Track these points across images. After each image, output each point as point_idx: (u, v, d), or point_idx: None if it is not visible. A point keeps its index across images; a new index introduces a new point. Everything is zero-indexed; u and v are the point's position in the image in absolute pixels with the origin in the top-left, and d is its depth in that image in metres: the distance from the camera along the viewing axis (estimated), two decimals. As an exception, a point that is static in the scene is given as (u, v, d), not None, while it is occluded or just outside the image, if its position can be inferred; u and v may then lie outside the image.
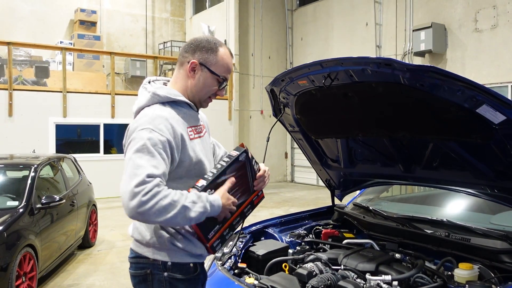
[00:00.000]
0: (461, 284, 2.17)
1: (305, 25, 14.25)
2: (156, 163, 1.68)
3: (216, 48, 1.92)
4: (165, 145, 1.73)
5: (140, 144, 1.70)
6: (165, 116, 1.80)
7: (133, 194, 1.60)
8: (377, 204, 3.34)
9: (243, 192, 1.91)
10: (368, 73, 2.19)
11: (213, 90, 1.94)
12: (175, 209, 1.63)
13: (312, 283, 2.20)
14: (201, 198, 1.71)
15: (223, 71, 1.93)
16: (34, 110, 10.24)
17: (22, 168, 5.42)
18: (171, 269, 1.82)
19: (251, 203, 1.96)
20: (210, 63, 1.90)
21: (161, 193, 1.62)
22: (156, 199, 1.60)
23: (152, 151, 1.69)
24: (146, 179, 1.62)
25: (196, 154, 1.86)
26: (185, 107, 1.93)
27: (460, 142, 2.27)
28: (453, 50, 9.95)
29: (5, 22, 13.13)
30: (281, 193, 12.19)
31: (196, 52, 1.91)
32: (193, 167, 1.85)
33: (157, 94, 1.88)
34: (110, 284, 5.12)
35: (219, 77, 1.92)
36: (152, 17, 15.72)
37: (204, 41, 1.93)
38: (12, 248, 4.15)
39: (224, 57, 1.93)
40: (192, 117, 1.94)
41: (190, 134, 1.88)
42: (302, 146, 3.21)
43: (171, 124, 1.78)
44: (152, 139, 1.71)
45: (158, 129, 1.74)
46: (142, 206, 1.59)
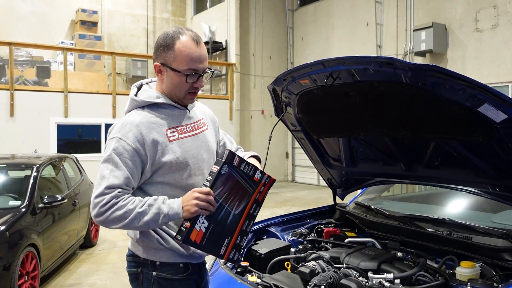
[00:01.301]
0: (463, 282, 2.18)
1: (305, 25, 14.25)
2: (119, 173, 1.73)
3: (172, 43, 1.80)
4: (132, 153, 1.76)
5: (107, 155, 1.78)
6: (135, 123, 1.80)
7: (93, 204, 1.73)
8: (378, 203, 3.35)
9: (241, 197, 1.85)
10: (370, 72, 2.20)
11: (186, 86, 1.84)
12: (130, 216, 1.69)
13: (314, 281, 2.21)
14: (157, 200, 1.74)
15: (186, 64, 1.79)
16: (35, 110, 10.26)
17: (24, 168, 5.44)
18: (159, 269, 1.84)
19: (256, 201, 1.91)
20: (170, 61, 1.81)
21: (118, 204, 1.70)
22: (112, 210, 1.70)
23: (117, 161, 1.75)
24: (105, 191, 1.71)
25: (177, 155, 1.82)
26: (168, 108, 1.89)
27: (461, 141, 2.28)
28: (454, 50, 9.96)
29: (6, 22, 13.14)
30: (282, 193, 12.20)
31: (157, 53, 1.85)
32: (175, 168, 1.83)
33: (134, 100, 1.89)
34: (112, 284, 5.13)
35: (181, 72, 1.81)
36: (153, 17, 15.73)
37: (161, 39, 1.84)
38: (15, 247, 4.17)
39: (183, 49, 1.79)
40: (177, 116, 1.90)
41: (171, 136, 1.84)
42: (304, 145, 3.22)
43: (140, 131, 1.78)
44: (118, 148, 1.76)
45: (125, 137, 1.77)
46: (100, 216, 1.72)
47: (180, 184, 1.84)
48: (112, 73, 11.61)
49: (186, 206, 1.70)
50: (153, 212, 1.70)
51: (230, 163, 1.78)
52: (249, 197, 1.88)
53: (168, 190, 1.84)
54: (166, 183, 1.84)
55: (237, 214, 1.85)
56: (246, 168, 1.84)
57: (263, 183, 1.91)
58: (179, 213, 1.70)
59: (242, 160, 1.83)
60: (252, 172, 1.87)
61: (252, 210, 1.91)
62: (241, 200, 1.86)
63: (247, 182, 1.86)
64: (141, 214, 1.69)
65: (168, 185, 1.84)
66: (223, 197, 1.78)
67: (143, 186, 1.84)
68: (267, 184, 1.93)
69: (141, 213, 1.70)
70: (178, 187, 1.84)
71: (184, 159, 1.85)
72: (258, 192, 1.91)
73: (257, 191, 1.91)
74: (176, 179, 1.84)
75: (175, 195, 1.82)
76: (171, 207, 1.71)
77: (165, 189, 1.84)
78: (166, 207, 1.72)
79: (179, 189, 1.84)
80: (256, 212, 1.93)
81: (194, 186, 1.86)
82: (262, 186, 1.91)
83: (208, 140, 2.02)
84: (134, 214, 1.69)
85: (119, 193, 1.72)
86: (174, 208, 1.71)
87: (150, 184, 1.84)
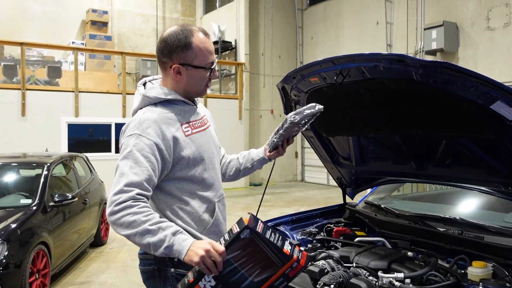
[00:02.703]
0: (474, 282, 2.15)
1: (315, 24, 14.21)
2: (139, 170, 1.70)
3: (189, 42, 1.83)
4: (153, 148, 1.75)
5: (126, 151, 1.74)
6: (153, 119, 1.80)
7: (110, 201, 1.68)
8: (388, 202, 3.32)
9: (265, 267, 1.60)
10: (380, 70, 2.18)
11: (206, 79, 1.92)
12: (137, 228, 1.62)
13: (324, 280, 2.19)
14: (170, 228, 1.64)
15: (206, 59, 1.87)
16: (46, 109, 10.35)
17: (35, 166, 5.49)
18: (177, 265, 1.83)
19: (284, 276, 1.63)
20: (190, 59, 1.84)
21: (133, 208, 1.63)
22: (125, 212, 1.63)
23: (137, 157, 1.72)
24: (123, 188, 1.66)
25: (193, 150, 1.86)
26: (180, 104, 1.92)
27: (473, 139, 2.25)
28: (465, 48, 9.87)
29: (18, 22, 13.28)
30: (291, 192, 12.18)
31: (173, 55, 1.85)
32: (192, 162, 1.85)
33: (147, 96, 1.89)
34: (122, 282, 5.15)
35: (205, 68, 1.88)
36: (163, 17, 15.79)
37: (174, 40, 1.84)
38: (26, 245, 4.20)
39: (201, 45, 1.84)
40: (188, 112, 1.93)
41: (186, 131, 1.87)
42: (313, 144, 3.21)
43: (159, 126, 1.79)
44: (138, 144, 1.74)
45: (145, 133, 1.76)
46: (113, 215, 1.65)
47: (196, 179, 1.87)
48: (122, 72, 11.68)
49: (192, 251, 1.57)
50: (159, 237, 1.61)
51: (253, 229, 1.53)
52: (275, 269, 1.61)
53: (185, 185, 1.86)
54: (183, 178, 1.85)
55: (256, 282, 1.62)
56: (273, 237, 1.58)
57: (295, 259, 1.60)
58: (183, 253, 1.59)
59: (267, 226, 1.58)
60: (281, 242, 1.59)
61: (278, 283, 1.65)
62: (264, 269, 1.61)
63: (274, 254, 1.59)
64: (149, 232, 1.62)
65: (185, 180, 1.86)
66: (240, 261, 1.58)
67: (161, 183, 1.84)
68: (301, 260, 1.62)
69: (149, 231, 1.62)
70: (194, 182, 1.87)
71: (199, 154, 1.88)
72: (289, 267, 1.61)
73: (287, 266, 1.61)
74: (192, 174, 1.86)
75: (191, 190, 1.86)
76: (178, 243, 1.60)
77: (182, 184, 1.86)
78: (174, 240, 1.61)
79: (195, 183, 1.87)
80: (283, 286, 1.66)
81: (209, 180, 1.91)
82: (295, 262, 1.60)
83: (213, 136, 2.07)
84: (141, 229, 1.62)
85: (137, 195, 1.67)
86: (181, 245, 1.60)
87: (167, 181, 1.85)
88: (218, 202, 1.96)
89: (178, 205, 1.85)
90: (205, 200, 1.90)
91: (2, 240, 4.01)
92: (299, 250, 1.63)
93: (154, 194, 1.84)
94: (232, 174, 2.28)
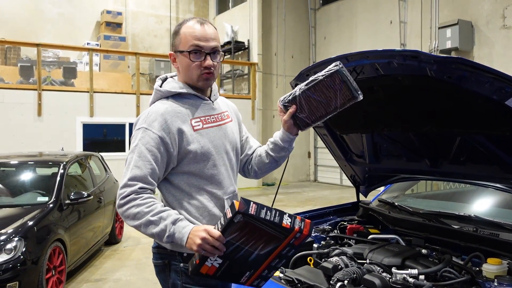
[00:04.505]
0: (489, 279, 2.14)
1: (328, 24, 14.18)
2: (142, 164, 1.76)
3: (178, 29, 1.90)
4: (158, 141, 1.78)
5: (133, 145, 1.81)
6: (160, 112, 1.83)
7: (117, 195, 1.77)
8: (402, 201, 3.31)
9: (268, 241, 1.61)
10: (394, 66, 2.18)
11: (194, 67, 1.86)
12: (141, 219, 1.71)
13: (337, 276, 2.20)
14: (170, 217, 1.71)
15: (189, 42, 1.84)
16: (62, 109, 10.49)
17: (51, 165, 5.57)
18: (186, 260, 1.84)
19: (290, 245, 1.65)
20: (177, 45, 1.89)
21: (136, 201, 1.72)
22: (128, 206, 1.73)
23: (142, 151, 1.77)
24: (127, 182, 1.75)
25: (202, 144, 1.85)
26: (192, 98, 1.93)
27: (488, 135, 2.24)
28: (480, 47, 9.76)
29: (34, 24, 13.48)
30: (304, 192, 12.16)
31: (171, 45, 1.95)
32: (200, 157, 1.85)
33: (159, 90, 1.93)
34: (136, 279, 5.20)
35: (186, 52, 1.85)
36: (176, 18, 15.87)
37: (172, 31, 1.94)
38: (42, 242, 4.27)
39: (186, 30, 1.86)
40: (200, 107, 1.93)
41: (195, 125, 1.87)
42: (327, 141, 3.21)
43: (165, 119, 1.81)
44: (144, 138, 1.79)
45: (151, 126, 1.80)
46: (119, 208, 1.76)
47: (204, 174, 1.87)
48: (136, 73, 11.78)
49: (191, 239, 1.63)
50: (161, 227, 1.69)
51: (245, 212, 1.51)
52: (279, 242, 1.63)
53: (193, 180, 1.87)
54: (191, 173, 1.86)
55: (262, 254, 1.65)
56: (268, 215, 1.55)
57: (297, 229, 1.59)
58: (184, 241, 1.66)
59: (261, 206, 1.54)
60: (278, 218, 1.57)
61: (285, 252, 1.67)
62: (268, 243, 1.62)
63: (274, 229, 1.58)
64: (151, 223, 1.70)
65: (193, 175, 1.86)
66: (240, 240, 1.59)
67: (169, 176, 1.87)
68: (304, 229, 1.61)
69: (152, 222, 1.70)
70: (202, 177, 1.87)
71: (208, 149, 1.87)
72: (293, 238, 1.62)
73: (290, 237, 1.62)
74: (200, 169, 1.86)
75: (199, 185, 1.86)
76: (179, 231, 1.67)
77: (189, 179, 1.86)
78: (175, 229, 1.68)
79: (204, 179, 1.87)
80: (291, 253, 1.70)
81: (217, 176, 1.89)
82: (298, 232, 1.60)
83: (232, 132, 2.03)
84: (145, 220, 1.70)
85: (140, 189, 1.74)
86: (181, 233, 1.66)
87: (175, 174, 1.87)
88: (228, 200, 1.94)
89: (186, 199, 1.86)
90: (214, 196, 1.90)
91: (20, 237, 4.08)
92: (300, 220, 1.61)
93: (163, 187, 1.88)
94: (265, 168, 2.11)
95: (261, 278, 1.73)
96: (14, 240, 4.04)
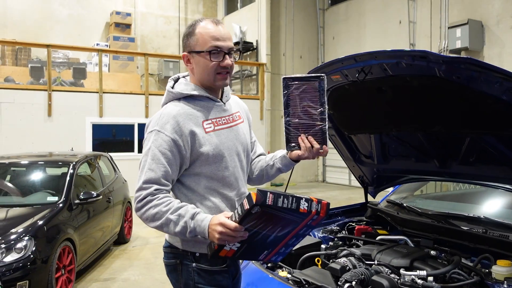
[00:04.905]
0: (499, 281, 2.12)
1: (337, 24, 14.14)
2: (156, 166, 1.78)
3: (193, 30, 1.88)
4: (171, 144, 1.79)
5: (146, 148, 1.83)
6: (172, 114, 1.83)
7: (134, 198, 1.80)
8: (411, 201, 3.29)
9: (285, 225, 1.64)
10: (403, 66, 2.17)
11: (213, 67, 1.86)
12: (161, 219, 1.73)
13: (345, 277, 2.19)
14: (187, 213, 1.72)
15: (207, 43, 1.84)
16: (72, 110, 10.57)
17: (61, 165, 5.60)
18: (199, 260, 1.85)
19: (307, 226, 1.68)
20: (193, 46, 1.87)
21: (152, 202, 1.74)
22: (146, 207, 1.75)
23: (155, 153, 1.79)
24: (142, 185, 1.77)
25: (213, 146, 1.86)
26: (204, 100, 1.93)
27: (497, 135, 2.22)
28: (491, 47, 9.68)
29: (45, 25, 13.60)
30: (312, 193, 12.13)
31: (183, 45, 1.93)
32: (212, 159, 1.86)
33: (171, 92, 1.94)
34: (145, 279, 5.23)
35: (206, 52, 1.84)
36: (185, 19, 15.93)
37: (185, 31, 1.92)
38: (52, 241, 4.31)
39: (202, 31, 1.85)
40: (212, 109, 1.92)
41: (207, 127, 1.87)
42: (335, 142, 3.20)
43: (177, 121, 1.82)
44: (156, 140, 1.81)
45: (163, 129, 1.81)
46: (137, 211, 1.78)
47: (216, 176, 1.87)
48: (145, 73, 11.84)
49: (211, 233, 1.65)
50: (181, 225, 1.72)
51: (263, 204, 1.52)
52: (296, 224, 1.66)
53: (205, 182, 1.87)
54: (203, 174, 1.87)
55: (280, 236, 1.69)
56: (286, 203, 1.55)
57: (314, 212, 1.61)
58: (205, 234, 1.68)
59: (277, 195, 1.54)
60: (296, 204, 1.57)
61: (303, 231, 1.72)
62: (285, 226, 1.65)
63: (291, 215, 1.60)
64: (171, 221, 1.72)
65: (205, 177, 1.87)
66: (258, 226, 1.61)
67: (181, 177, 1.88)
68: (321, 211, 1.63)
69: (171, 221, 1.72)
70: (214, 179, 1.88)
71: (220, 151, 1.87)
72: (310, 219, 1.64)
73: (308, 219, 1.64)
74: (212, 171, 1.87)
75: (211, 187, 1.87)
76: (198, 225, 1.70)
77: (202, 180, 1.87)
78: (194, 223, 1.71)
79: (216, 180, 1.88)
80: (308, 232, 1.74)
81: (229, 178, 1.90)
82: (315, 215, 1.62)
83: (243, 133, 2.03)
84: (164, 219, 1.73)
85: (155, 191, 1.76)
86: (201, 226, 1.69)
87: (188, 176, 1.88)
88: (239, 201, 1.94)
89: (199, 200, 1.87)
90: (225, 198, 1.91)
91: (30, 236, 4.11)
92: (316, 202, 1.62)
93: (176, 188, 1.89)
94: (257, 175, 2.17)
95: (279, 254, 1.78)
96: (24, 239, 4.07)
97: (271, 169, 2.10)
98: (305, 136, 1.84)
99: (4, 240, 4.02)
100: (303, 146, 1.85)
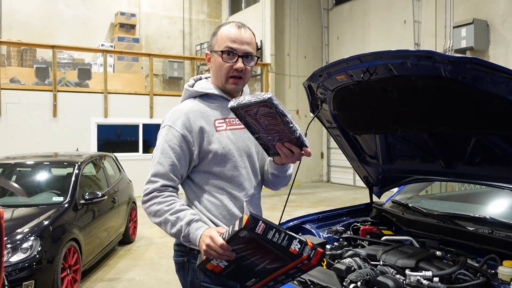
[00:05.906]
0: (505, 282, 2.11)
1: (341, 24, 14.12)
2: (164, 160, 1.82)
3: (217, 30, 1.94)
4: (180, 139, 1.84)
5: (158, 142, 1.88)
6: (185, 110, 1.88)
7: (143, 190, 1.84)
8: (416, 202, 3.28)
9: (274, 260, 1.56)
10: (408, 67, 2.16)
11: (226, 68, 1.89)
12: (161, 217, 1.78)
13: (350, 277, 2.19)
14: (185, 218, 1.75)
15: (224, 43, 1.88)
16: (77, 110, 10.61)
17: (66, 165, 5.63)
18: None
19: (296, 268, 1.60)
20: (213, 45, 1.94)
21: (157, 198, 1.79)
22: (151, 203, 1.80)
23: (164, 147, 1.84)
24: (151, 179, 1.82)
25: (223, 145, 1.87)
26: (219, 100, 1.96)
27: (503, 136, 2.21)
28: (496, 46, 9.64)
29: (50, 26, 13.66)
30: (317, 193, 12.12)
31: (208, 45, 2.00)
32: (221, 158, 1.87)
33: (187, 90, 1.99)
34: (149, 279, 5.24)
35: (220, 51, 1.88)
36: (189, 19, 15.96)
37: (212, 32, 1.98)
38: (58, 241, 4.32)
39: (224, 32, 1.91)
40: (226, 109, 1.92)
41: (218, 126, 1.90)
42: (340, 142, 3.20)
43: (188, 117, 1.86)
44: (167, 135, 1.86)
45: (175, 124, 1.86)
46: (143, 204, 1.84)
47: (224, 175, 1.89)
48: (149, 74, 11.87)
49: (201, 242, 1.66)
50: (177, 227, 1.75)
51: (252, 230, 1.45)
52: (285, 263, 1.57)
53: (213, 180, 1.89)
54: (211, 173, 1.89)
55: (269, 268, 1.61)
56: (276, 237, 1.47)
57: (305, 257, 1.52)
58: (196, 242, 1.70)
59: (270, 227, 1.47)
60: (287, 242, 1.49)
61: (292, 272, 1.62)
62: (274, 261, 1.57)
63: (281, 252, 1.52)
64: (169, 222, 1.76)
65: (214, 175, 1.89)
66: (246, 252, 1.56)
67: (191, 174, 1.91)
68: (313, 258, 1.54)
69: (169, 221, 1.76)
70: (223, 178, 1.89)
71: (229, 150, 1.88)
72: (300, 263, 1.55)
73: (297, 262, 1.55)
74: (221, 170, 1.88)
75: (219, 185, 1.89)
76: (192, 232, 1.72)
77: (210, 179, 1.89)
78: (189, 230, 1.73)
79: (224, 180, 1.89)
80: (298, 275, 1.66)
81: (238, 178, 1.90)
82: (305, 260, 1.53)
83: None
84: (164, 218, 1.77)
85: (162, 187, 1.80)
86: (194, 234, 1.71)
87: (197, 173, 1.90)
88: (247, 202, 1.92)
89: (206, 197, 1.89)
90: (233, 197, 1.90)
91: (36, 236, 4.13)
92: (311, 247, 1.53)
93: (185, 183, 1.93)
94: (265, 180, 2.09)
95: (267, 287, 1.71)
96: (30, 239, 4.09)
97: (267, 174, 2.06)
98: (281, 143, 1.68)
99: (10, 240, 4.04)
100: (282, 153, 1.71)
